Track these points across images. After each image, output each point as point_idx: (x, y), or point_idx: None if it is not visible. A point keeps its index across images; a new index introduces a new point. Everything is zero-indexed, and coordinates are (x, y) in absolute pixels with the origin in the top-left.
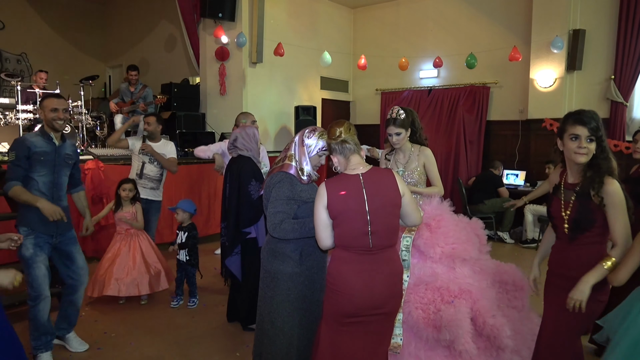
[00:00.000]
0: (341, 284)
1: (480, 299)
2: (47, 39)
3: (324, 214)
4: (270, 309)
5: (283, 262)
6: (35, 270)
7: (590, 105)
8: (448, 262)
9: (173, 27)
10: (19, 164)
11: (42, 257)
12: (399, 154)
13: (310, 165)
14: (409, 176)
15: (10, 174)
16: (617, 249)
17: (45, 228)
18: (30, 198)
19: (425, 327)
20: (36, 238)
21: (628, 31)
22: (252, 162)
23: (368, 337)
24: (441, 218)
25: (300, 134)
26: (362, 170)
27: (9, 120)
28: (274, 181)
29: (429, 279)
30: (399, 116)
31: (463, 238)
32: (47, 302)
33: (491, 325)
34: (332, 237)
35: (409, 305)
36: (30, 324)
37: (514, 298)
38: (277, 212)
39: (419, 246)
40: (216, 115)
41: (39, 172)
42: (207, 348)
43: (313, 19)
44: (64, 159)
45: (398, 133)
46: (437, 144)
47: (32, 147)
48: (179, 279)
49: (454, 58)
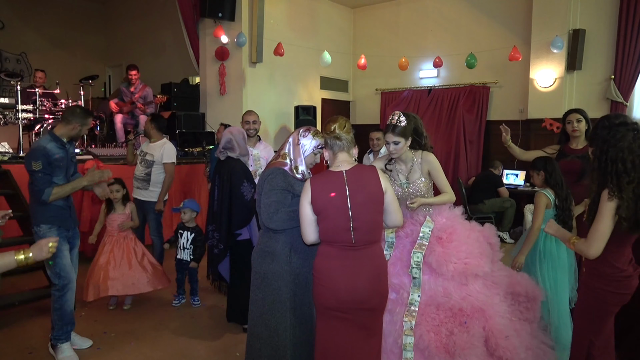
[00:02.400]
0: (325, 278)
1: (493, 316)
2: (47, 39)
3: (309, 210)
4: (262, 310)
5: (272, 261)
6: (63, 259)
7: (590, 105)
8: (460, 279)
9: (173, 27)
10: (46, 172)
11: (65, 247)
12: (400, 164)
13: (305, 164)
14: (413, 188)
15: (42, 184)
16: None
17: (65, 223)
18: (73, 184)
19: (437, 352)
20: (58, 230)
21: (628, 31)
22: (241, 164)
23: (355, 331)
24: (453, 230)
25: (296, 133)
26: (346, 167)
27: (8, 120)
28: (267, 174)
29: (441, 298)
30: (399, 123)
31: (476, 252)
32: (74, 290)
33: (504, 347)
34: (316, 232)
35: (420, 328)
36: (55, 314)
37: (526, 310)
38: (271, 202)
39: (430, 263)
40: (216, 115)
41: (58, 176)
42: (207, 348)
43: (313, 18)
44: (71, 158)
45: (396, 142)
46: (437, 144)
47: (52, 154)
48: (180, 279)
49: (454, 58)
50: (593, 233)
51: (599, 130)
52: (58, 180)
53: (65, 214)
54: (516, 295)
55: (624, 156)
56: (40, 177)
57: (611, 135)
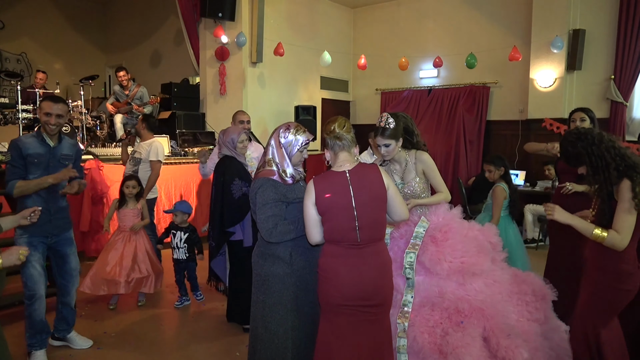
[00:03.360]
0: (332, 276)
1: (494, 316)
2: (47, 38)
3: (313, 211)
4: (263, 312)
5: (274, 264)
6: (30, 269)
7: (590, 105)
8: (457, 278)
9: (173, 27)
10: (15, 165)
11: (36, 257)
12: (394, 164)
13: (292, 165)
14: (408, 188)
15: (9, 175)
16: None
17: (41, 229)
18: (38, 181)
19: (431, 353)
20: (29, 238)
21: (628, 31)
22: (236, 162)
23: (363, 328)
24: (448, 229)
25: (276, 135)
26: (349, 167)
27: (8, 120)
28: (256, 187)
29: (435, 299)
30: (388, 125)
31: (473, 250)
32: (41, 301)
33: (505, 347)
34: (321, 232)
35: (414, 329)
36: (26, 321)
37: (535, 310)
38: (268, 217)
39: (424, 262)
40: (216, 115)
41: (33, 174)
42: (207, 348)
43: (313, 19)
44: (60, 159)
45: (387, 145)
46: (437, 144)
47: (24, 148)
48: (179, 279)
49: (454, 58)
50: (624, 224)
51: (572, 149)
52: (33, 178)
53: (43, 218)
54: (522, 294)
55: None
56: (9, 168)
57: (585, 142)
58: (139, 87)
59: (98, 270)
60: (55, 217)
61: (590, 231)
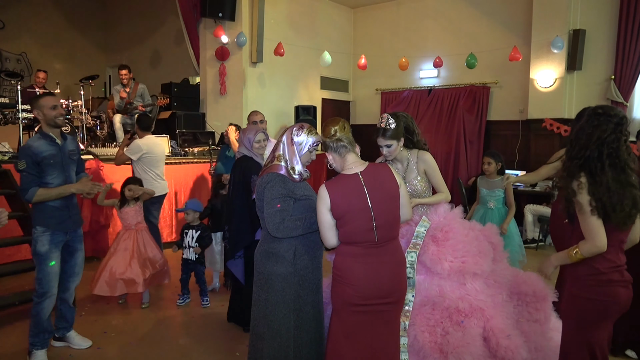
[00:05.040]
0: (348, 275)
1: (495, 316)
2: (47, 38)
3: (328, 216)
4: (265, 311)
5: (276, 263)
6: (47, 267)
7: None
8: (458, 278)
9: (173, 27)
10: (30, 172)
11: (56, 254)
12: (396, 163)
13: (301, 163)
14: (410, 187)
15: (26, 184)
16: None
17: (62, 226)
18: (60, 189)
19: (431, 352)
20: (52, 235)
21: (628, 31)
22: (254, 161)
23: (378, 327)
24: (449, 229)
25: (288, 132)
26: (361, 169)
27: (8, 120)
28: (264, 181)
29: (436, 298)
30: (389, 126)
31: (474, 250)
32: (52, 300)
33: (505, 347)
34: (336, 236)
35: (415, 328)
36: (32, 320)
37: (536, 310)
38: (275, 212)
39: (424, 262)
40: (216, 115)
41: (52, 175)
42: (207, 348)
43: (313, 18)
44: (69, 156)
45: (388, 145)
46: (437, 144)
47: (38, 153)
48: (185, 279)
49: (454, 58)
50: (586, 228)
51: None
52: (52, 179)
53: (64, 215)
54: (523, 295)
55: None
56: (25, 176)
57: (588, 122)
58: (137, 85)
59: (112, 272)
60: (73, 213)
61: (568, 256)
